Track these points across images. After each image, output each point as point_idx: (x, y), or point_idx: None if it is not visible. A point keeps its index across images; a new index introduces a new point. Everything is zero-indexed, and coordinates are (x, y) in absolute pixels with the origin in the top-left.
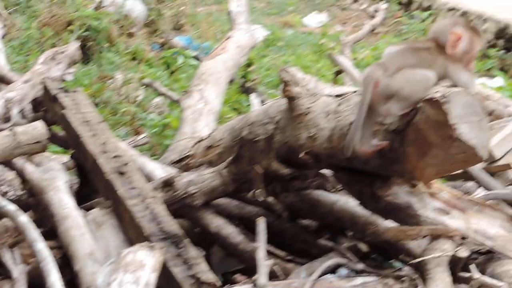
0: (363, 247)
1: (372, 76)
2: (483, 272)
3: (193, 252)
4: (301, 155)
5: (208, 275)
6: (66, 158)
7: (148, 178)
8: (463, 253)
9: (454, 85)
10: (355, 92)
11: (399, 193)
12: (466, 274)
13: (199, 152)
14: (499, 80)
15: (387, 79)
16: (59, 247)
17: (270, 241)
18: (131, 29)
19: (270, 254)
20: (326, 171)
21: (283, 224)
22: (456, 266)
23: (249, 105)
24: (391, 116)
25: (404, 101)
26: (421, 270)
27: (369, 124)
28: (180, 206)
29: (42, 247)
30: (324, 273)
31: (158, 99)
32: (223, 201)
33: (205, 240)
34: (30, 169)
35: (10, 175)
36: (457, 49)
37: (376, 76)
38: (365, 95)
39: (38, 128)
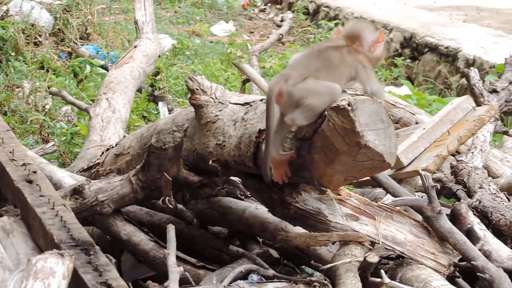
0: (274, 253)
1: (274, 88)
2: (393, 277)
3: (104, 259)
4: (210, 162)
5: (119, 282)
6: None
7: (57, 186)
8: (373, 258)
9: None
10: (262, 100)
11: (308, 200)
12: (377, 280)
13: (108, 160)
14: (405, 89)
15: (290, 89)
16: None
17: (181, 248)
18: (38, 38)
19: (181, 260)
20: (236, 178)
21: (194, 231)
22: (366, 271)
23: (157, 113)
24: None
25: (309, 112)
26: (331, 275)
27: (280, 132)
28: (90, 214)
29: None
30: (235, 279)
31: (66, 108)
32: (133, 208)
33: (116, 247)
34: None
35: None
36: (375, 51)
37: (278, 87)
38: (269, 110)
39: None
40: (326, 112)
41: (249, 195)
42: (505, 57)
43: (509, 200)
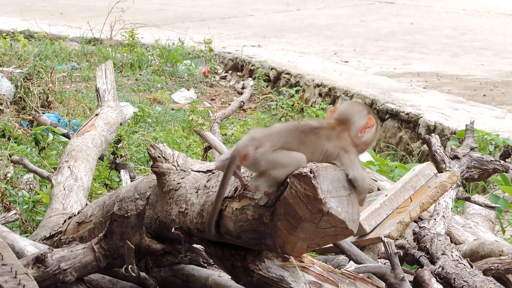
0: None
1: (242, 150)
2: None
3: None
4: (173, 230)
5: None
6: None
7: (20, 254)
8: None
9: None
10: None
11: (272, 267)
12: None
13: (70, 228)
14: (367, 155)
15: (258, 157)
16: None
17: None
18: None
19: None
20: (199, 246)
21: None
22: None
23: (120, 181)
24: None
25: (273, 180)
26: None
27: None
28: (52, 283)
29: None
30: None
31: (28, 176)
32: (95, 276)
33: None
34: None
35: None
36: (363, 136)
37: (246, 150)
38: (229, 168)
39: None
40: (288, 179)
41: (212, 263)
42: (466, 124)
43: (471, 266)
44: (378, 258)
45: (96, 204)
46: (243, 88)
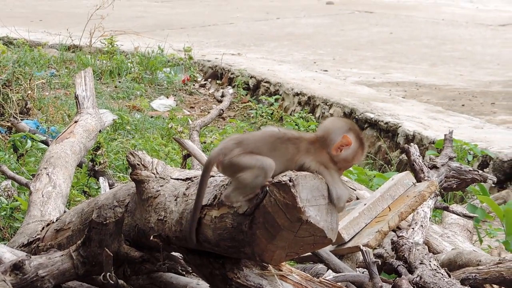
0: None
1: (214, 159)
2: None
3: None
4: (151, 238)
5: None
6: None
7: None
8: None
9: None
10: None
11: (250, 275)
12: None
13: (48, 235)
14: None
15: (225, 162)
16: None
17: None
18: None
19: None
20: (177, 253)
21: None
22: None
23: (98, 188)
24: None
25: (241, 187)
26: None
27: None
28: None
29: None
30: None
31: (6, 183)
32: (73, 284)
33: None
34: None
35: None
36: (340, 154)
37: (218, 158)
38: (204, 176)
39: None
40: (267, 188)
41: (191, 271)
42: (445, 133)
43: (449, 276)
44: (357, 267)
45: (74, 211)
46: (222, 96)
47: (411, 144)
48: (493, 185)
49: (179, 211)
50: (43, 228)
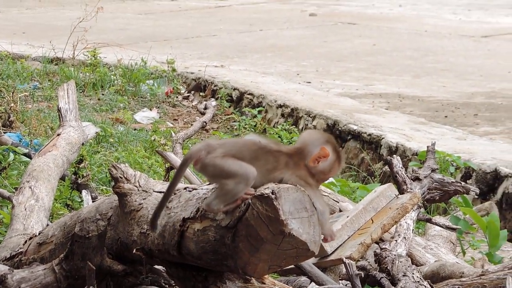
0: None
1: (194, 154)
2: None
3: None
4: (134, 251)
5: None
6: None
7: None
8: None
9: None
10: (186, 188)
11: None
12: None
13: (31, 249)
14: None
15: (206, 162)
16: None
17: None
18: None
19: None
20: (160, 267)
21: None
22: None
23: (81, 201)
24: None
25: (222, 194)
26: None
27: None
28: None
29: None
30: None
31: None
32: None
33: None
34: None
35: None
36: (318, 166)
37: (198, 155)
38: (179, 171)
39: None
40: (250, 200)
41: (174, 284)
42: (427, 145)
43: None
44: (340, 279)
45: (57, 225)
46: (205, 108)
47: (394, 156)
48: (476, 196)
49: (162, 224)
50: (25, 242)
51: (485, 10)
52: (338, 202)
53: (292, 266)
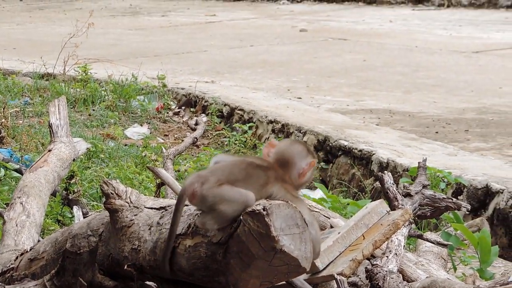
0: None
1: (189, 188)
2: None
3: None
4: (125, 267)
5: None
6: None
7: None
8: None
9: None
10: None
11: None
12: None
13: (22, 264)
14: (319, 192)
15: (204, 193)
16: None
17: None
18: None
19: None
20: (151, 283)
21: None
22: None
23: (72, 217)
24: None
25: (219, 217)
26: None
27: None
28: None
29: None
30: None
31: None
32: None
33: None
34: None
35: None
36: (304, 178)
37: (192, 189)
38: (177, 207)
39: None
40: (241, 217)
41: None
42: (418, 161)
43: None
44: None
45: (48, 241)
46: (196, 124)
47: (385, 172)
48: (467, 212)
49: (153, 240)
50: (17, 258)
51: (476, 25)
52: (329, 218)
53: (283, 282)
